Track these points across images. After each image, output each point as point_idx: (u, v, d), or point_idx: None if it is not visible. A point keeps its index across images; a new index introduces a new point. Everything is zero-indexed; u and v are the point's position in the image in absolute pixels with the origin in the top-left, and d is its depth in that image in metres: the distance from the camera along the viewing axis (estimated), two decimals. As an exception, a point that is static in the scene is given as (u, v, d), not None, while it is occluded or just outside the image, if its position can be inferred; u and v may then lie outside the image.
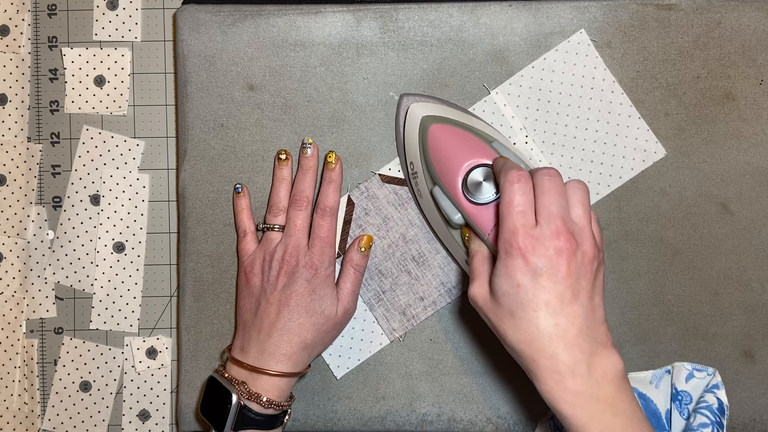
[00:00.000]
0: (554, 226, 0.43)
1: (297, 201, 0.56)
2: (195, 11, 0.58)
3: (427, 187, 0.54)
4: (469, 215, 0.50)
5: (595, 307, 0.44)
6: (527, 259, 0.43)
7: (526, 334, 0.43)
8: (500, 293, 0.44)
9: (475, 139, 0.53)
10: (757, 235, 0.58)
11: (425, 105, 0.56)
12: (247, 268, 0.56)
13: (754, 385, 0.58)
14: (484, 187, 0.50)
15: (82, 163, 0.62)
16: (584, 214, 0.45)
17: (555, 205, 0.44)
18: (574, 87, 0.58)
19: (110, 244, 0.62)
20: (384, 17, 0.58)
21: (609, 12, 0.58)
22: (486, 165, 0.50)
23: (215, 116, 0.59)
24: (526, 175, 0.45)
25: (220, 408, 0.52)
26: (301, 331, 0.53)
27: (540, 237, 0.43)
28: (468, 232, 0.52)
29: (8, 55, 0.62)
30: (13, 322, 0.62)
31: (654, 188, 0.58)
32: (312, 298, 0.53)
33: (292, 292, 0.53)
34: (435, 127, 0.54)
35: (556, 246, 0.43)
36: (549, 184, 0.45)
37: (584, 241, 0.44)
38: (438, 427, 0.59)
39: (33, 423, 0.62)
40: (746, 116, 0.58)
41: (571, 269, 0.43)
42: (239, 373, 0.53)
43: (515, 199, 0.44)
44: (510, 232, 0.44)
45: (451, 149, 0.52)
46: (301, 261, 0.54)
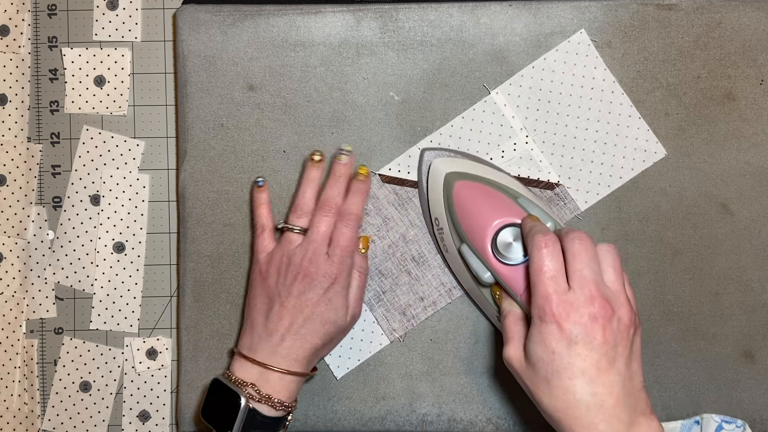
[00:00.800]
0: (588, 291, 0.43)
1: (325, 206, 0.54)
2: (195, 11, 0.58)
3: (454, 244, 0.54)
4: (500, 275, 0.50)
5: (633, 374, 0.43)
6: (562, 326, 0.42)
7: (563, 402, 0.42)
8: (535, 359, 0.43)
9: (501, 196, 0.52)
10: (757, 235, 0.58)
11: (448, 160, 0.56)
12: (263, 267, 0.54)
13: (754, 385, 0.58)
14: (515, 247, 0.49)
15: (82, 163, 0.62)
16: (617, 278, 0.44)
17: (587, 270, 0.43)
18: (574, 87, 0.58)
19: (110, 244, 0.62)
20: (384, 17, 0.58)
21: (609, 12, 0.58)
22: (515, 224, 0.50)
23: (215, 116, 0.59)
24: (554, 238, 0.45)
25: (225, 411, 0.51)
26: (313, 338, 0.52)
27: (574, 303, 0.42)
28: (498, 290, 0.52)
29: (8, 55, 0.62)
30: (13, 322, 0.62)
31: (654, 188, 0.58)
32: (327, 308, 0.52)
33: (307, 300, 0.52)
34: (459, 184, 0.53)
35: (591, 312, 0.42)
36: (579, 247, 0.44)
37: (619, 307, 0.43)
38: (438, 427, 0.59)
39: (33, 423, 0.62)
40: (746, 116, 0.58)
41: (607, 336, 0.42)
42: (248, 373, 0.52)
43: (545, 265, 0.44)
44: (543, 298, 0.43)
45: (478, 208, 0.52)
46: (320, 269, 0.52)
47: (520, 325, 0.48)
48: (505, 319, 0.49)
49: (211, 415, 0.52)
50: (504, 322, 0.49)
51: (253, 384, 0.51)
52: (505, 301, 0.51)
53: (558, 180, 0.58)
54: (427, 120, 0.59)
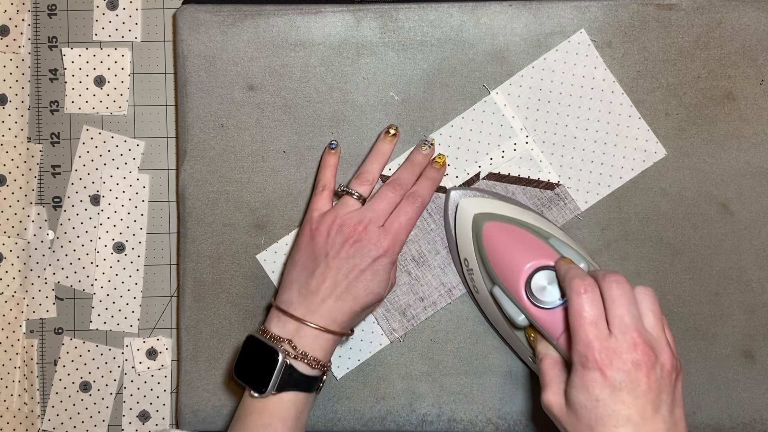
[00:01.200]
0: (630, 337, 0.42)
1: (394, 184, 0.54)
2: (195, 11, 0.58)
3: (486, 286, 0.54)
4: (536, 319, 0.49)
5: (677, 421, 0.43)
6: (605, 373, 0.42)
7: None
8: (578, 406, 0.43)
9: (532, 237, 0.52)
10: (757, 235, 0.58)
11: (476, 201, 0.56)
12: (314, 225, 0.53)
13: (754, 385, 0.58)
14: (549, 290, 0.49)
15: (82, 163, 0.62)
16: (657, 322, 0.44)
17: (628, 316, 0.43)
18: (574, 87, 0.58)
19: (110, 244, 0.62)
20: (384, 17, 0.58)
21: (609, 12, 0.58)
22: (548, 267, 0.50)
23: (215, 116, 0.59)
24: (593, 283, 0.45)
25: (261, 368, 0.50)
26: (353, 304, 0.51)
27: (617, 349, 0.42)
28: (533, 332, 0.51)
29: (8, 55, 0.62)
30: (13, 322, 0.62)
31: (654, 188, 0.58)
32: (372, 277, 0.52)
33: (354, 266, 0.51)
34: (489, 225, 0.53)
35: (634, 359, 0.42)
36: (618, 292, 0.44)
37: (662, 352, 0.43)
38: (438, 427, 0.59)
39: (33, 423, 0.62)
40: (746, 116, 0.58)
41: (651, 383, 0.42)
42: (284, 329, 0.51)
43: (585, 310, 0.43)
44: (584, 344, 0.43)
45: (510, 250, 0.51)
46: (373, 238, 0.52)
47: (558, 369, 0.48)
48: (542, 363, 0.49)
49: (246, 372, 0.51)
50: (541, 365, 0.49)
51: (290, 340, 0.50)
52: (540, 343, 0.50)
53: (558, 180, 0.58)
54: (427, 120, 0.59)
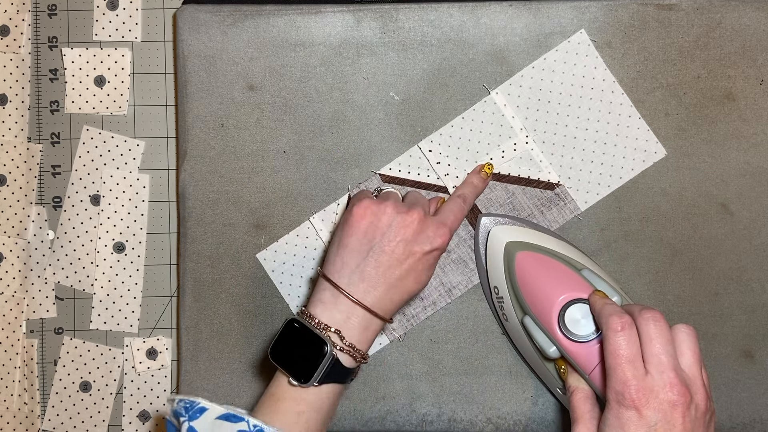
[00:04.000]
0: (667, 377, 0.43)
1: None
2: (195, 11, 0.58)
3: (516, 316, 0.54)
4: (569, 352, 0.49)
5: None
6: (641, 412, 0.42)
7: None
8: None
9: (566, 269, 0.52)
10: (757, 235, 0.58)
11: (508, 229, 0.56)
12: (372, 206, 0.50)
13: (754, 385, 0.58)
14: (583, 324, 0.49)
15: (83, 163, 0.62)
16: (695, 362, 0.44)
17: (665, 355, 0.43)
18: (574, 87, 0.58)
19: (110, 244, 0.62)
20: (384, 17, 0.58)
21: (609, 12, 0.58)
22: (581, 299, 0.50)
23: (215, 116, 0.59)
24: (630, 321, 0.44)
25: (304, 356, 0.48)
26: (403, 293, 0.50)
27: (653, 389, 0.42)
28: (564, 364, 0.51)
29: (8, 55, 0.62)
30: (13, 322, 0.62)
31: (654, 188, 0.58)
32: (424, 267, 0.50)
33: (411, 253, 0.49)
34: (522, 255, 0.53)
35: (670, 399, 0.42)
36: (655, 330, 0.44)
37: (696, 393, 0.43)
38: (438, 427, 0.59)
39: (33, 423, 0.62)
40: (746, 116, 0.58)
41: (686, 424, 0.42)
42: (332, 317, 0.48)
43: (622, 348, 0.43)
44: (621, 383, 0.43)
45: (543, 281, 0.51)
46: (432, 227, 0.50)
47: (590, 404, 0.48)
48: (573, 397, 0.48)
49: (285, 357, 0.49)
50: (571, 399, 0.48)
51: (338, 330, 0.48)
52: (571, 376, 0.50)
53: (558, 180, 0.58)
54: (427, 120, 0.59)
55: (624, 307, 0.47)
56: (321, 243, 0.59)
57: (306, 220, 0.59)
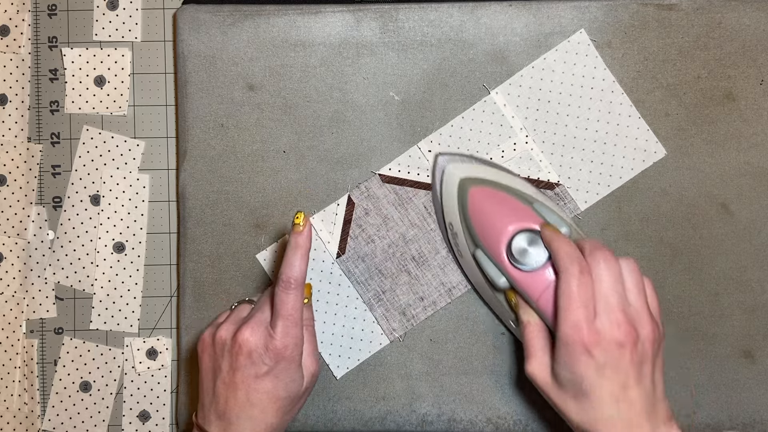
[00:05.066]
0: (614, 317, 0.44)
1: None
2: (195, 11, 0.58)
3: (469, 249, 0.54)
4: (516, 281, 0.49)
5: (656, 385, 0.45)
6: (591, 353, 0.43)
7: (590, 417, 0.44)
8: (562, 379, 0.45)
9: (516, 201, 0.52)
10: (757, 235, 0.58)
11: (462, 166, 0.56)
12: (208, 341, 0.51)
13: (754, 385, 0.58)
14: (530, 253, 0.49)
15: (82, 163, 0.62)
16: (639, 294, 0.45)
17: (613, 295, 0.44)
18: (574, 87, 0.58)
19: (110, 244, 0.62)
20: (384, 17, 0.58)
21: (609, 12, 0.58)
22: (530, 230, 0.50)
23: (215, 116, 0.59)
24: (587, 267, 0.45)
25: None
26: (265, 417, 0.48)
27: (601, 330, 0.43)
28: (514, 296, 0.52)
29: (8, 55, 0.62)
30: (13, 322, 0.62)
31: (654, 188, 0.58)
32: (275, 384, 0.48)
33: (251, 377, 0.48)
34: (474, 190, 0.53)
35: (618, 340, 0.43)
36: (606, 272, 0.45)
37: (644, 327, 0.44)
38: (438, 427, 0.59)
39: (33, 423, 0.62)
40: (746, 116, 0.58)
41: (634, 358, 0.44)
42: None
43: (576, 293, 0.44)
44: (572, 326, 0.44)
45: (493, 213, 0.52)
46: (262, 344, 0.48)
47: (542, 338, 0.48)
48: (525, 330, 0.49)
49: None
50: (524, 333, 0.49)
51: None
52: (522, 309, 0.50)
53: (558, 180, 0.58)
54: (427, 120, 0.59)
55: (576, 242, 0.47)
56: (321, 243, 0.59)
57: (306, 220, 0.59)
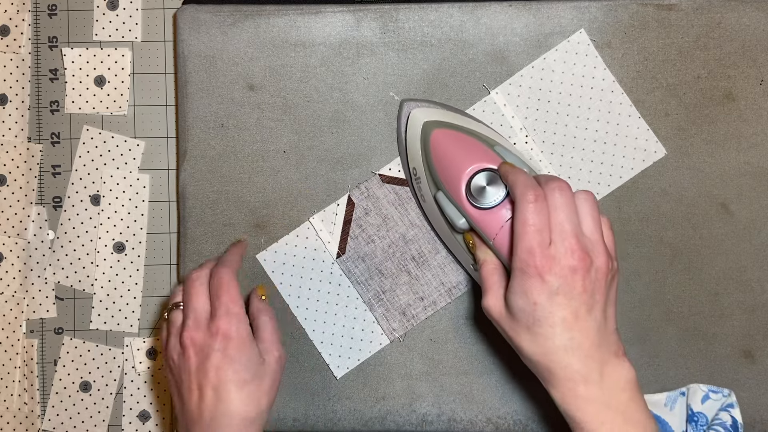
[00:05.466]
0: (568, 244, 0.44)
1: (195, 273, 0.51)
2: (195, 11, 0.58)
3: (431, 192, 0.54)
4: (474, 220, 0.50)
5: (608, 318, 0.45)
6: (544, 278, 0.43)
7: (543, 347, 0.44)
8: (516, 309, 0.45)
9: (477, 143, 0.52)
10: (757, 235, 0.58)
11: (426, 110, 0.56)
12: (165, 361, 0.51)
13: (754, 385, 0.58)
14: (488, 191, 0.49)
15: (83, 163, 0.62)
16: (595, 226, 0.45)
17: (567, 223, 0.44)
18: (574, 87, 0.58)
19: (110, 244, 0.62)
20: (384, 17, 0.58)
21: (609, 12, 0.58)
22: (489, 169, 0.50)
23: (215, 116, 0.59)
24: (542, 193, 0.45)
25: None
26: (238, 409, 0.48)
27: (555, 256, 0.44)
28: (472, 238, 0.52)
29: (8, 55, 0.62)
30: (13, 322, 0.62)
31: (654, 188, 0.58)
32: (235, 368, 0.48)
33: (208, 370, 0.48)
34: (437, 132, 0.54)
35: (571, 265, 0.43)
36: (560, 200, 0.45)
37: (597, 256, 0.44)
38: (438, 427, 0.59)
39: (33, 423, 0.62)
40: (746, 116, 0.58)
41: (586, 285, 0.44)
42: None
43: (531, 219, 0.44)
44: (526, 251, 0.44)
45: (454, 154, 0.52)
46: (207, 332, 0.49)
47: (498, 274, 0.48)
48: (482, 269, 0.49)
49: None
50: (481, 271, 0.49)
51: None
52: (479, 249, 0.51)
53: (558, 180, 0.58)
54: (427, 120, 0.59)
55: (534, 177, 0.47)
56: (321, 243, 0.59)
57: (306, 221, 0.59)
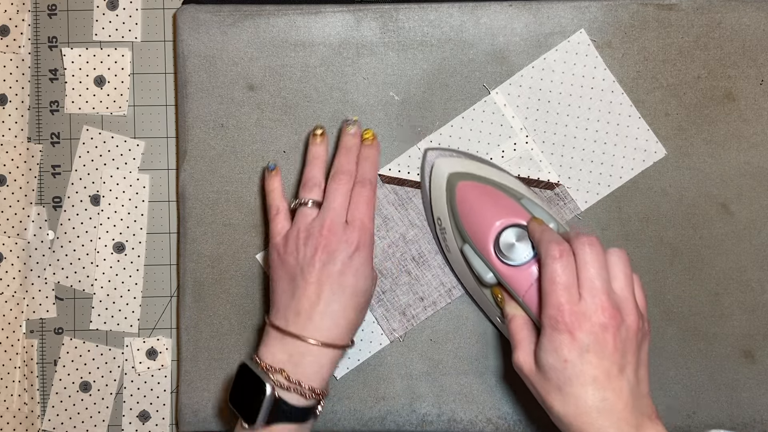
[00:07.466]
0: (599, 300, 0.43)
1: (339, 175, 0.53)
2: (195, 11, 0.58)
3: (457, 244, 0.54)
4: (503, 276, 0.49)
5: (640, 380, 0.45)
6: (574, 335, 0.43)
7: (574, 408, 0.43)
8: (547, 367, 0.44)
9: (504, 196, 0.52)
10: (757, 235, 0.58)
11: (451, 161, 0.56)
12: (280, 248, 0.52)
13: (754, 385, 0.58)
14: (517, 248, 0.49)
15: (82, 163, 0.62)
16: (627, 284, 0.45)
17: (598, 279, 0.44)
18: (574, 87, 0.58)
19: (110, 244, 0.62)
20: (384, 17, 0.58)
21: (609, 12, 0.58)
22: (518, 225, 0.50)
23: (215, 116, 0.59)
24: (568, 249, 0.45)
25: (251, 399, 0.49)
26: (345, 312, 0.50)
27: (585, 313, 0.43)
28: (500, 292, 0.51)
29: (8, 55, 0.62)
30: (13, 322, 0.62)
31: (654, 188, 0.58)
32: (355, 277, 0.50)
33: (332, 271, 0.50)
34: (462, 184, 0.53)
35: (602, 322, 0.43)
36: (591, 256, 0.45)
37: (628, 315, 0.44)
38: (438, 427, 0.59)
39: (33, 423, 0.62)
40: (746, 116, 0.58)
41: (617, 344, 0.43)
42: (277, 357, 0.49)
43: (559, 275, 0.44)
44: (555, 308, 0.44)
45: (481, 208, 0.52)
46: (341, 237, 0.50)
47: (527, 330, 0.48)
48: (511, 324, 0.49)
49: (238, 400, 0.50)
50: (510, 326, 0.49)
51: (282, 369, 0.48)
52: (508, 304, 0.50)
53: (558, 180, 0.58)
54: (427, 120, 0.59)
55: (561, 234, 0.47)
56: (321, 243, 0.59)
57: (306, 220, 0.59)
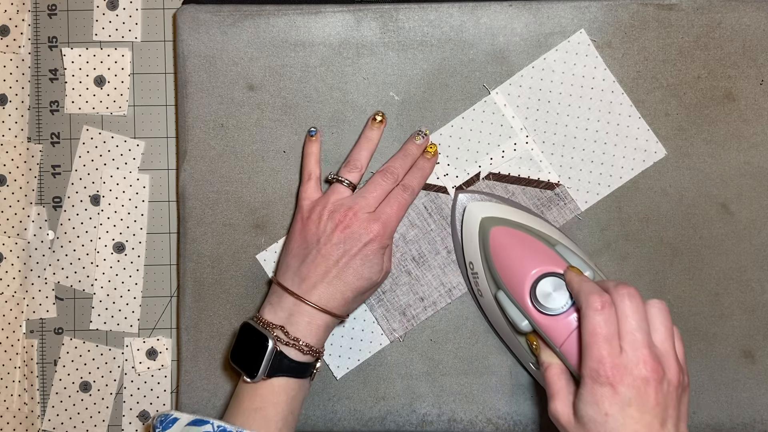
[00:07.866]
0: (640, 354, 0.43)
1: (387, 173, 0.55)
2: (195, 11, 0.58)
3: (490, 290, 0.54)
4: (540, 325, 0.49)
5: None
6: (616, 388, 0.43)
7: None
8: (587, 419, 0.44)
9: (539, 244, 0.52)
10: (757, 235, 0.58)
11: (483, 205, 0.56)
12: (305, 213, 0.55)
13: (754, 385, 0.58)
14: (554, 297, 0.49)
15: (82, 163, 0.62)
16: (667, 337, 0.45)
17: (639, 332, 0.44)
18: (574, 87, 0.58)
19: (110, 244, 0.62)
20: (384, 17, 0.58)
21: (609, 12, 0.58)
22: (554, 273, 0.50)
23: (215, 116, 0.59)
24: (609, 301, 0.45)
25: (253, 354, 0.52)
26: (344, 289, 0.52)
27: (627, 366, 0.43)
28: (535, 340, 0.51)
29: (8, 55, 0.62)
30: (13, 322, 0.62)
31: (654, 188, 0.58)
32: (363, 263, 0.53)
33: (345, 251, 0.52)
34: (496, 230, 0.53)
35: (644, 376, 0.43)
36: (631, 308, 0.45)
37: (669, 368, 0.44)
38: (438, 427, 0.59)
39: (33, 423, 0.62)
40: (747, 116, 0.58)
41: (659, 398, 0.43)
42: (276, 316, 0.52)
43: (601, 327, 0.44)
44: (596, 360, 0.44)
45: (516, 256, 0.52)
46: (363, 224, 0.53)
47: (565, 379, 0.48)
48: (547, 372, 0.49)
49: (240, 358, 0.53)
50: (546, 375, 0.49)
51: (282, 326, 0.52)
52: (544, 352, 0.50)
53: (558, 180, 0.58)
54: (427, 120, 0.59)
55: (599, 283, 0.47)
56: (321, 243, 0.59)
57: (306, 220, 0.59)
